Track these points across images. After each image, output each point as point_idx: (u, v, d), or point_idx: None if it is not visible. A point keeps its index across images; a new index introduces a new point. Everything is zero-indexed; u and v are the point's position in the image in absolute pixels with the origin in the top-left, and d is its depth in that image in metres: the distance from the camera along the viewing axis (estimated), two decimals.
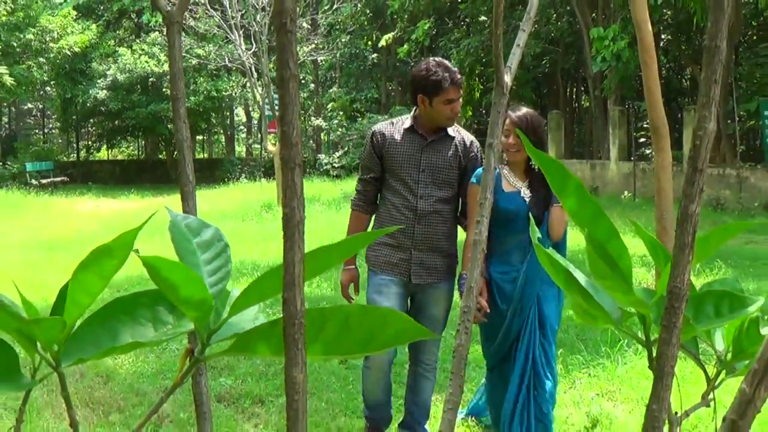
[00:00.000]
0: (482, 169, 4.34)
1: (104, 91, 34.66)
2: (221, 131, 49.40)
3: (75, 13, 35.15)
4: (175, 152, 1.44)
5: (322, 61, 37.39)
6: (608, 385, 6.17)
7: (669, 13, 23.83)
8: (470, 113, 31.14)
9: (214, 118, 41.05)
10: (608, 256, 1.16)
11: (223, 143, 50.80)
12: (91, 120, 39.96)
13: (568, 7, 27.36)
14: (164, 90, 34.04)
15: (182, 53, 1.43)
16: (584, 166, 25.10)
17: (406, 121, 4.76)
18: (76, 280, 1.03)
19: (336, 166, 31.27)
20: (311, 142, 40.72)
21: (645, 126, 25.74)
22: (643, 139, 28.60)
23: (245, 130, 52.03)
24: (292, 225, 0.94)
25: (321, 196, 22.10)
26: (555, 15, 29.55)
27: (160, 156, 41.31)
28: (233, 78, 36.19)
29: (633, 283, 1.23)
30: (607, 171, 24.29)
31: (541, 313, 4.63)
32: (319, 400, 5.97)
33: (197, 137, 45.65)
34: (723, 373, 1.25)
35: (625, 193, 22.44)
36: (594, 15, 25.69)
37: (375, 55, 36.22)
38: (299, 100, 0.96)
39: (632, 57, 20.19)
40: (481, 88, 31.10)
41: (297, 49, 0.89)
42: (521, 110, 4.61)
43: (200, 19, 27.16)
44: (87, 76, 35.64)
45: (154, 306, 1.11)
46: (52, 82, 37.20)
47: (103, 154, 47.64)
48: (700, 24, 19.39)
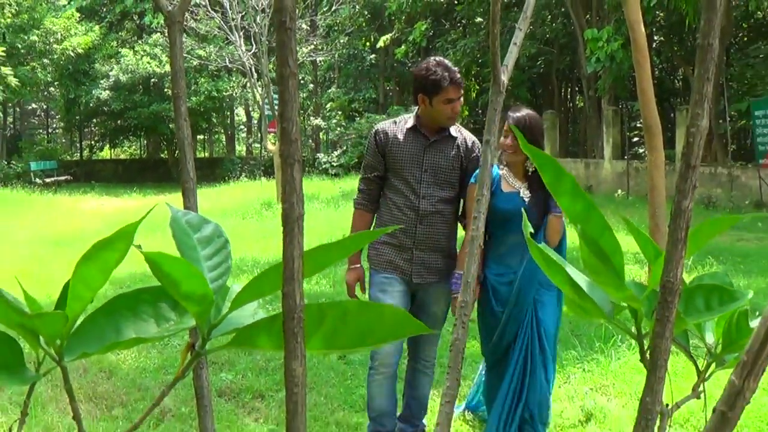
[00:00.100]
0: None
1: (107, 92, 34.67)
2: (222, 131, 49.35)
3: (78, 15, 35.11)
4: (177, 151, 1.43)
5: (320, 61, 37.43)
6: (602, 379, 6.18)
7: (662, 14, 23.83)
8: (467, 113, 31.15)
9: (215, 117, 41.01)
10: (601, 252, 1.16)
11: (224, 142, 50.74)
12: (94, 120, 39.90)
13: (563, 9, 27.37)
14: (166, 90, 34.08)
15: (183, 53, 1.43)
16: (579, 164, 25.12)
17: (409, 120, 4.68)
18: (77, 274, 1.03)
19: (334, 164, 31.28)
20: (310, 141, 40.73)
21: (638, 125, 25.79)
22: (636, 139, 28.63)
23: (245, 129, 52.01)
24: (291, 220, 0.94)
25: (320, 194, 22.10)
26: (550, 16, 29.56)
27: (162, 155, 41.28)
28: (234, 78, 36.19)
29: (626, 278, 1.23)
30: (601, 170, 24.31)
31: (538, 318, 4.56)
32: (318, 395, 5.97)
33: (198, 137, 45.62)
34: (713, 366, 1.25)
35: (619, 191, 22.45)
36: (588, 16, 25.71)
37: (373, 56, 36.23)
38: (298, 98, 0.96)
39: (626, 58, 20.23)
40: (478, 88, 31.14)
41: (296, 48, 0.89)
42: (521, 111, 4.57)
43: (201, 20, 27.14)
44: (90, 77, 35.61)
45: (156, 302, 1.10)
46: (55, 83, 37.20)
47: (106, 153, 47.57)
48: (692, 25, 19.41)
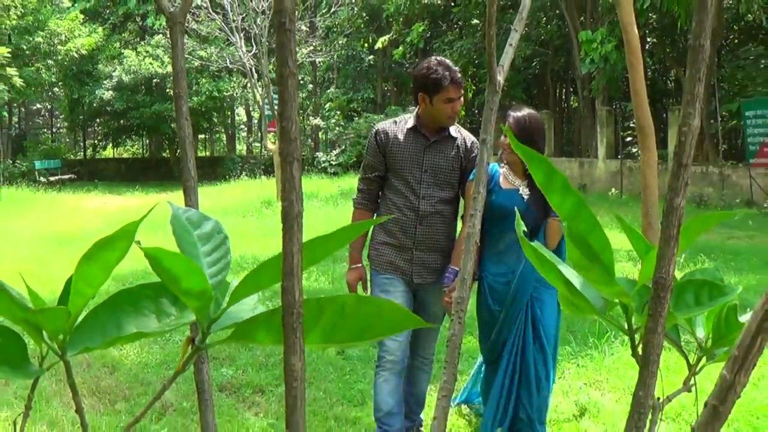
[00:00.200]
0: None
1: (110, 92, 34.68)
2: (223, 130, 49.33)
3: (82, 16, 35.08)
4: (178, 150, 1.43)
5: (320, 62, 37.44)
6: (596, 374, 6.18)
7: (654, 17, 23.85)
8: (463, 113, 31.13)
9: (216, 117, 41.01)
10: (590, 249, 1.15)
11: (225, 142, 50.72)
12: (98, 119, 39.90)
13: (558, 11, 27.39)
14: (168, 90, 34.09)
15: (185, 54, 1.43)
16: (573, 164, 25.13)
17: (409, 120, 4.59)
18: (79, 271, 1.03)
19: (333, 163, 31.29)
20: (309, 140, 40.76)
21: (631, 125, 25.75)
22: (629, 138, 28.63)
23: (246, 129, 52.02)
24: (290, 217, 0.94)
25: (319, 192, 22.10)
26: (545, 18, 29.58)
27: (164, 154, 41.24)
28: (234, 79, 36.21)
29: (619, 275, 1.23)
30: (595, 169, 24.32)
31: (535, 317, 4.47)
32: (317, 390, 5.98)
33: (199, 136, 45.62)
34: (703, 360, 1.26)
35: (613, 190, 22.48)
36: (582, 18, 25.72)
37: (371, 57, 36.21)
38: (297, 98, 0.96)
39: (619, 59, 20.25)
40: (474, 88, 31.14)
41: (296, 48, 0.89)
42: (522, 111, 4.47)
43: (202, 22, 27.13)
44: (93, 78, 35.61)
45: (157, 298, 1.10)
46: (60, 84, 37.15)
47: (109, 152, 47.55)
48: (683, 27, 19.41)
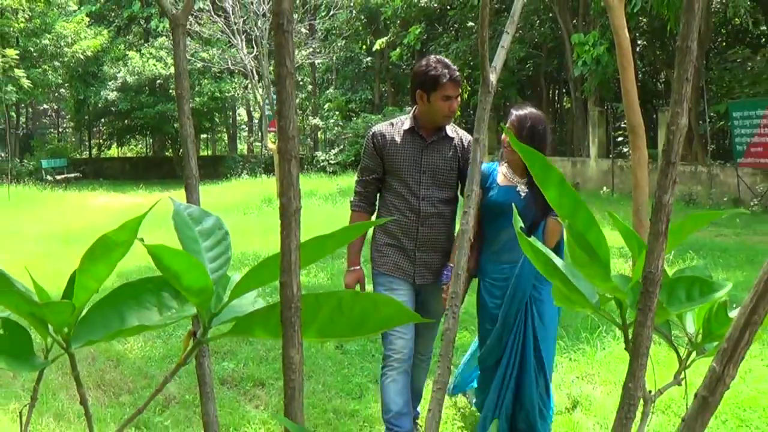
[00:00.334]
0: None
1: (115, 93, 34.76)
2: (224, 130, 49.38)
3: (88, 19, 35.17)
4: (181, 149, 1.43)
5: (319, 64, 37.42)
6: (588, 368, 6.18)
7: (645, 20, 23.83)
8: (459, 113, 31.12)
9: (218, 117, 41.07)
10: (587, 245, 1.15)
11: (226, 141, 50.76)
12: (103, 120, 40.00)
13: (551, 15, 27.37)
14: (171, 91, 34.13)
15: (187, 56, 1.43)
16: (566, 163, 25.12)
17: (406, 121, 4.49)
18: (83, 266, 1.02)
19: (332, 162, 31.26)
20: (309, 140, 40.74)
21: (623, 126, 25.75)
22: (620, 138, 28.60)
23: (247, 129, 52.04)
24: (288, 214, 0.94)
25: (318, 190, 22.08)
26: (538, 21, 29.55)
27: (167, 153, 41.24)
28: (235, 80, 36.24)
29: (611, 271, 1.23)
30: (587, 168, 24.33)
31: (534, 315, 4.34)
32: (316, 383, 5.98)
33: (201, 136, 45.60)
34: (694, 354, 1.26)
35: (604, 188, 22.48)
36: (575, 22, 25.70)
37: (369, 59, 36.17)
38: (295, 97, 0.96)
39: (611, 61, 20.28)
40: (469, 89, 31.08)
41: (294, 50, 0.89)
42: (525, 109, 4.38)
43: (205, 24, 27.11)
44: (99, 79, 35.67)
45: (159, 292, 1.10)
46: (66, 84, 37.21)
47: (114, 151, 47.54)
48: (673, 31, 19.40)
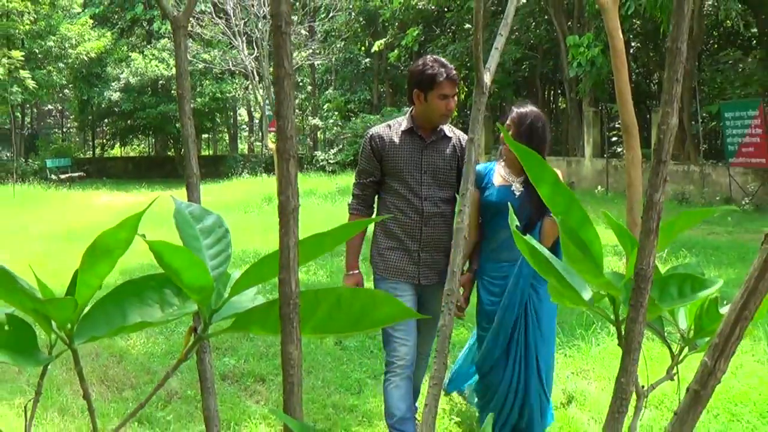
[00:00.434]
0: (476, 168, 4.24)
1: (118, 93, 34.76)
2: (225, 130, 49.34)
3: (92, 21, 35.13)
4: (182, 149, 1.42)
5: (318, 65, 37.41)
6: (583, 364, 6.19)
7: (638, 22, 23.86)
8: (456, 113, 31.13)
9: (219, 117, 41.04)
10: (581, 242, 1.16)
11: (227, 141, 50.73)
12: (106, 120, 39.94)
13: (546, 17, 27.37)
14: (173, 92, 34.10)
15: (189, 57, 1.43)
16: (561, 162, 25.12)
17: (403, 122, 4.40)
18: (85, 262, 1.02)
19: (331, 162, 31.24)
20: (308, 139, 40.75)
21: (617, 126, 25.77)
22: (615, 138, 28.61)
23: (247, 129, 52.05)
24: (287, 212, 0.94)
25: (317, 189, 22.08)
26: (534, 23, 29.55)
27: (169, 153, 41.24)
28: (236, 81, 36.24)
29: (605, 268, 1.23)
30: (582, 167, 24.34)
31: (534, 318, 4.26)
32: (316, 379, 5.98)
33: (203, 135, 45.58)
34: (686, 350, 1.26)
35: (599, 187, 22.49)
36: (570, 24, 25.71)
37: (368, 60, 36.17)
38: (294, 97, 0.96)
39: (605, 62, 20.31)
40: (466, 90, 31.13)
41: (293, 51, 0.89)
42: (526, 107, 4.34)
43: (206, 26, 27.12)
44: (102, 80, 35.66)
45: (161, 289, 1.10)
46: (70, 85, 37.16)
47: (117, 151, 47.51)
48: (666, 33, 19.41)
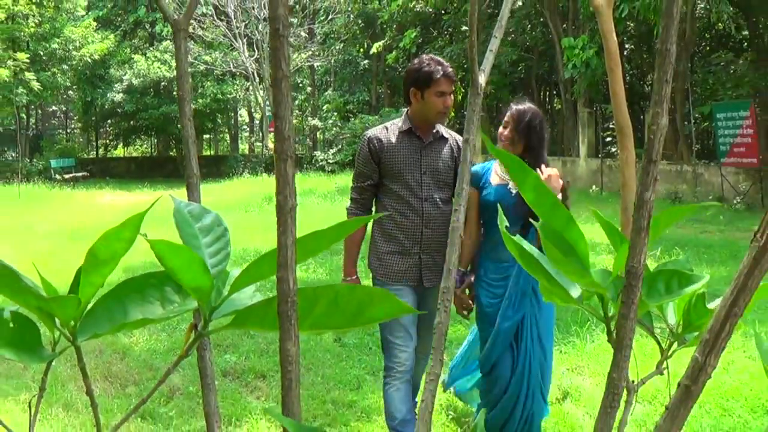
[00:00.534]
0: (473, 169, 4.26)
1: (121, 95, 34.77)
2: (226, 130, 49.31)
3: (95, 24, 35.15)
4: (184, 149, 1.43)
5: (318, 66, 37.41)
6: (577, 360, 6.19)
7: (632, 25, 23.84)
8: (453, 114, 31.11)
9: (220, 118, 41.04)
10: (563, 243, 1.16)
11: (228, 141, 50.69)
12: (109, 120, 39.93)
13: (542, 19, 27.39)
14: (175, 93, 34.06)
15: (190, 59, 1.43)
16: (556, 162, 25.09)
17: (400, 123, 4.30)
18: (88, 261, 1.03)
19: (330, 162, 31.22)
20: (308, 140, 40.74)
21: (611, 126, 25.75)
22: (609, 138, 28.62)
23: (248, 129, 51.98)
24: (284, 211, 0.94)
25: (317, 189, 22.08)
26: (530, 26, 29.57)
27: (171, 153, 41.24)
28: (237, 82, 36.22)
29: (601, 266, 1.24)
30: (577, 167, 24.35)
31: (535, 317, 4.25)
32: (316, 375, 5.98)
33: (204, 136, 45.57)
34: (675, 345, 1.26)
35: (593, 187, 22.51)
36: (565, 26, 25.73)
37: (366, 62, 36.15)
38: (291, 99, 0.96)
39: (599, 64, 20.28)
40: (462, 91, 31.11)
41: (290, 54, 0.89)
42: (524, 104, 4.27)
43: (207, 28, 27.13)
44: (105, 81, 35.67)
45: (162, 286, 1.10)
46: (74, 87, 37.14)
47: (120, 151, 47.48)
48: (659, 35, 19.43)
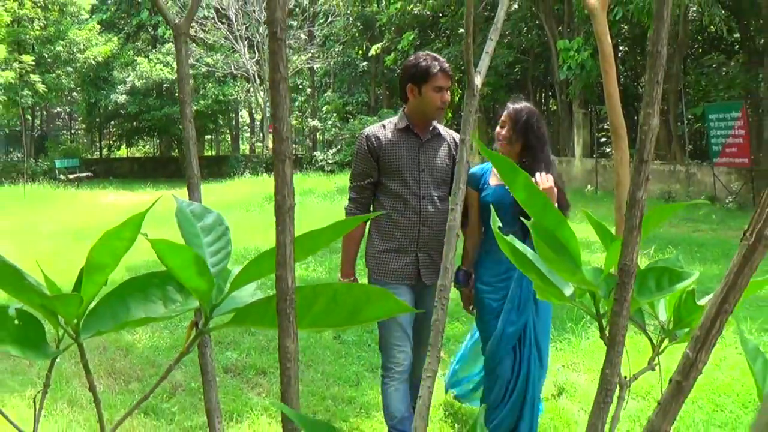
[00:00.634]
0: (472, 171, 4.25)
1: (124, 96, 34.80)
2: (227, 131, 49.31)
3: (99, 27, 35.15)
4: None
5: (317, 68, 37.39)
6: (572, 357, 6.19)
7: (626, 27, 23.87)
8: (450, 115, 31.12)
9: (221, 119, 41.08)
10: (554, 241, 1.17)
11: (229, 142, 50.65)
12: (113, 122, 39.98)
13: (538, 22, 27.40)
14: (177, 95, 34.00)
15: (192, 61, 1.43)
16: None
17: (397, 121, 4.21)
18: (91, 259, 1.03)
19: (330, 162, 31.20)
20: (308, 140, 40.72)
21: (606, 127, 25.80)
22: (604, 139, 28.65)
23: (249, 130, 51.92)
24: (283, 211, 0.94)
25: (316, 189, 22.07)
26: (526, 28, 29.58)
27: (173, 153, 41.26)
28: (238, 84, 36.21)
29: (595, 264, 1.25)
30: (572, 167, 24.35)
31: (535, 317, 4.25)
32: (315, 372, 5.98)
33: (206, 137, 45.59)
34: (666, 341, 1.27)
35: (588, 187, 22.51)
36: (560, 29, 25.72)
37: (365, 63, 36.13)
38: (289, 100, 0.96)
39: (594, 66, 20.31)
40: (460, 92, 31.11)
41: (290, 55, 0.89)
42: (520, 104, 4.20)
43: (209, 31, 27.11)
44: (109, 83, 35.71)
45: (164, 285, 1.10)
46: (78, 89, 37.17)
47: (123, 152, 47.46)
48: None
